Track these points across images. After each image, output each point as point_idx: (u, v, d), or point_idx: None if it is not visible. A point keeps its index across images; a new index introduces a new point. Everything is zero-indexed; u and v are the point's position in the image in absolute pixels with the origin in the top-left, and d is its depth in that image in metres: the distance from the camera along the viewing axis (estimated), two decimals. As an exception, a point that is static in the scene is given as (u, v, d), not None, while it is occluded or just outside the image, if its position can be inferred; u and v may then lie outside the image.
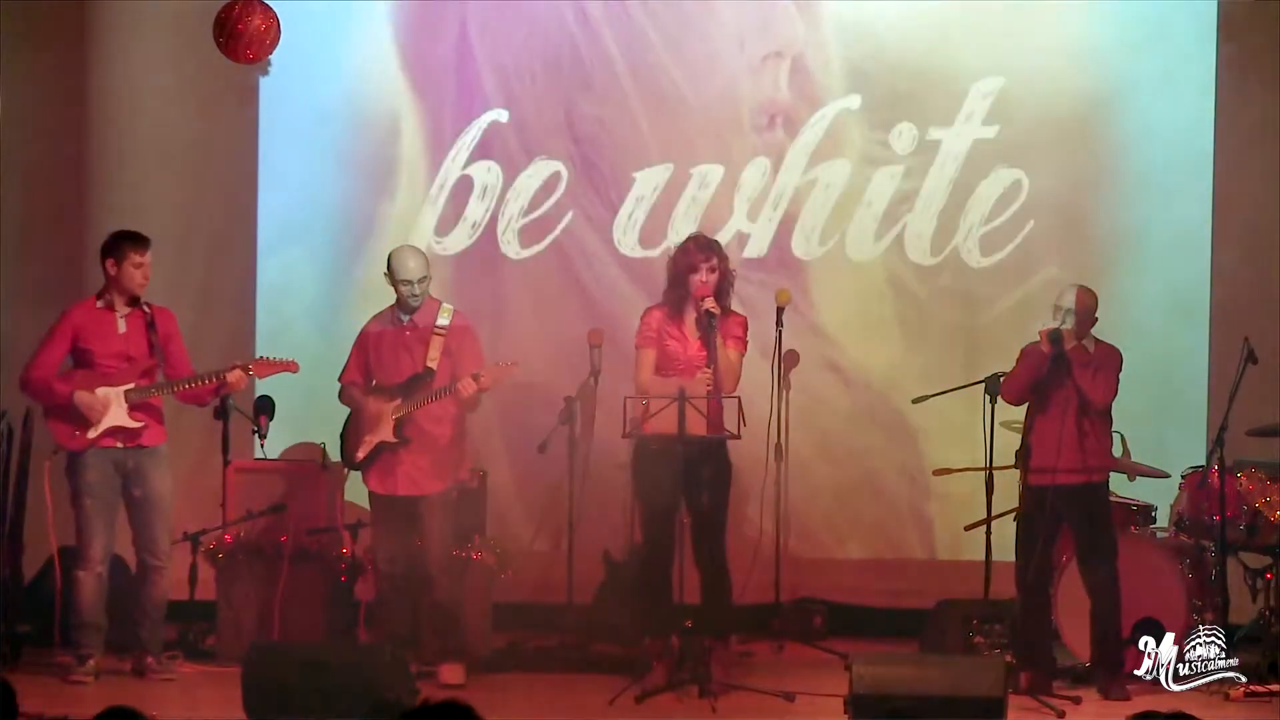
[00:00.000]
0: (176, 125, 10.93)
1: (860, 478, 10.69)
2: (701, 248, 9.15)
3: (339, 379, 9.38)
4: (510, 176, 10.77)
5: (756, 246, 10.64)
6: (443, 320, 9.17)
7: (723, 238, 10.05)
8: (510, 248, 10.80)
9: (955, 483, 10.34)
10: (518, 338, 10.54)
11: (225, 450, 9.79)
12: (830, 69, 10.63)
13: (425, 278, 9.16)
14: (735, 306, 9.38)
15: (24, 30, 10.82)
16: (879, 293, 10.67)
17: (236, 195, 10.99)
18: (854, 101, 10.58)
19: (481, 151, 10.77)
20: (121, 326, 9.14)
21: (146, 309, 9.17)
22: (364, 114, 10.85)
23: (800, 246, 10.67)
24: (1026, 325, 9.31)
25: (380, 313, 9.36)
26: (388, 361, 9.22)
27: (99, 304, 9.16)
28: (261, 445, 9.71)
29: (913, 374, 10.48)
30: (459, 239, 10.84)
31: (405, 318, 9.22)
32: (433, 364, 9.12)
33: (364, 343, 9.32)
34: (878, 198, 10.65)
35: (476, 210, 10.80)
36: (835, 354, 10.65)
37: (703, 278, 9.06)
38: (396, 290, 9.20)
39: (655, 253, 10.49)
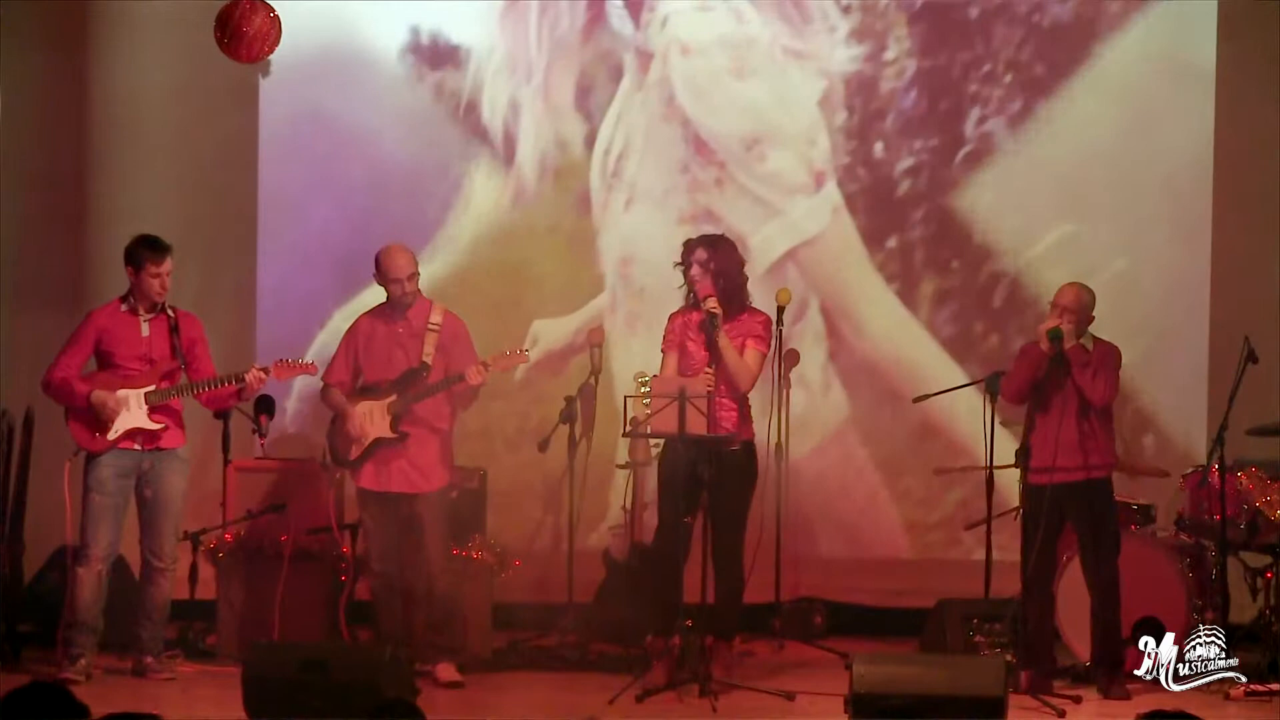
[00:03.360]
0: (176, 126, 10.94)
1: (860, 476, 10.72)
2: (699, 243, 9.09)
3: (322, 378, 9.34)
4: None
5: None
6: (435, 318, 9.18)
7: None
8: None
9: (955, 482, 10.37)
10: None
11: (225, 450, 9.79)
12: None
13: (414, 274, 9.16)
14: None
15: (24, 30, 10.82)
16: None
17: (237, 196, 10.99)
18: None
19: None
20: (144, 330, 9.14)
21: (170, 313, 9.17)
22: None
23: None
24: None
25: (370, 310, 9.34)
26: (380, 358, 9.20)
27: (123, 307, 9.17)
28: (261, 445, 9.70)
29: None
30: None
31: (399, 314, 9.22)
32: (428, 359, 9.12)
33: (353, 340, 9.29)
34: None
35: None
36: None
37: (695, 273, 9.00)
38: (387, 289, 9.20)
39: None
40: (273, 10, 8.13)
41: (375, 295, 9.36)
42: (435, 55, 10.87)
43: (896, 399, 10.56)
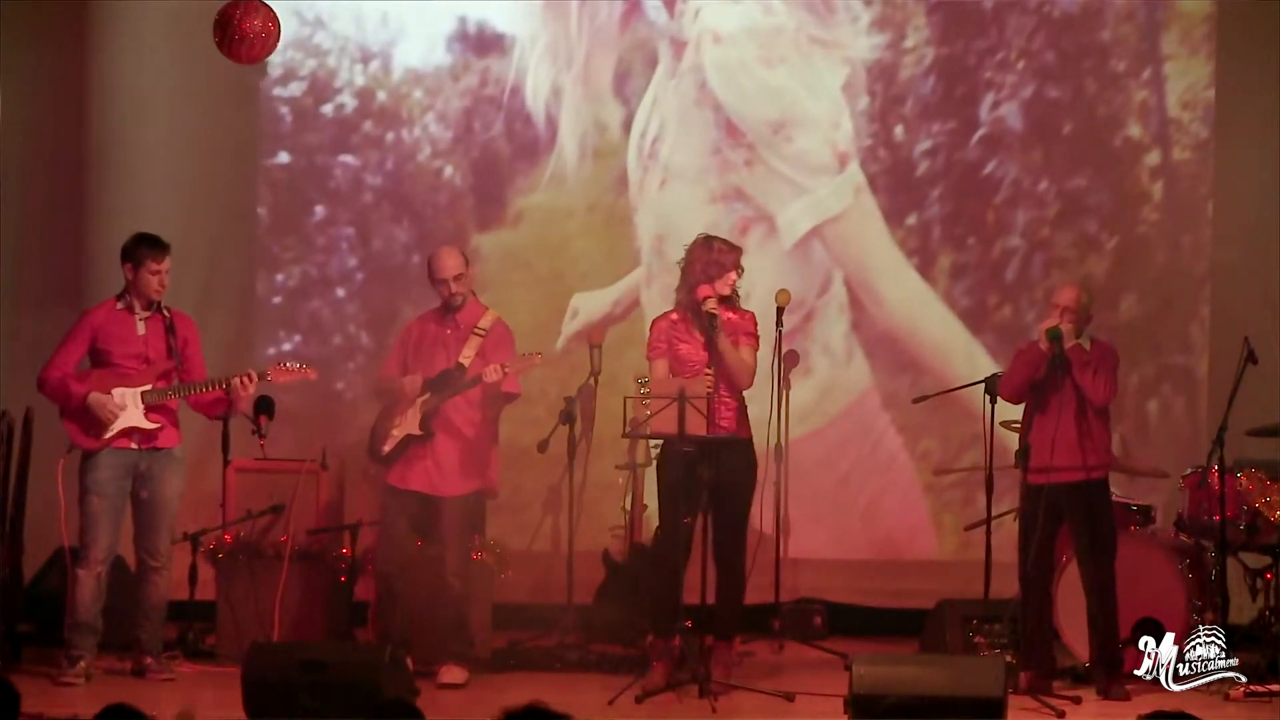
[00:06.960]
0: (177, 125, 10.94)
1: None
2: (732, 248, 9.07)
3: (378, 372, 9.53)
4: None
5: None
6: (484, 323, 9.22)
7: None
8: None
9: (955, 482, 10.37)
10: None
11: (225, 450, 9.78)
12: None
13: (460, 275, 9.21)
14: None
15: (24, 30, 10.82)
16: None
17: (236, 196, 11.00)
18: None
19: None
20: (140, 329, 9.13)
21: (166, 313, 9.17)
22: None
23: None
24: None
25: (427, 311, 9.43)
26: (425, 357, 9.27)
27: (119, 305, 9.16)
28: (261, 445, 9.70)
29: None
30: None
31: (449, 316, 9.26)
32: (465, 361, 9.16)
33: (406, 338, 9.41)
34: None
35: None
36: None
37: (734, 277, 8.99)
38: (436, 290, 9.26)
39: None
40: (271, 11, 8.08)
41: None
42: (481, 44, 11.14)
43: (915, 367, 10.85)
